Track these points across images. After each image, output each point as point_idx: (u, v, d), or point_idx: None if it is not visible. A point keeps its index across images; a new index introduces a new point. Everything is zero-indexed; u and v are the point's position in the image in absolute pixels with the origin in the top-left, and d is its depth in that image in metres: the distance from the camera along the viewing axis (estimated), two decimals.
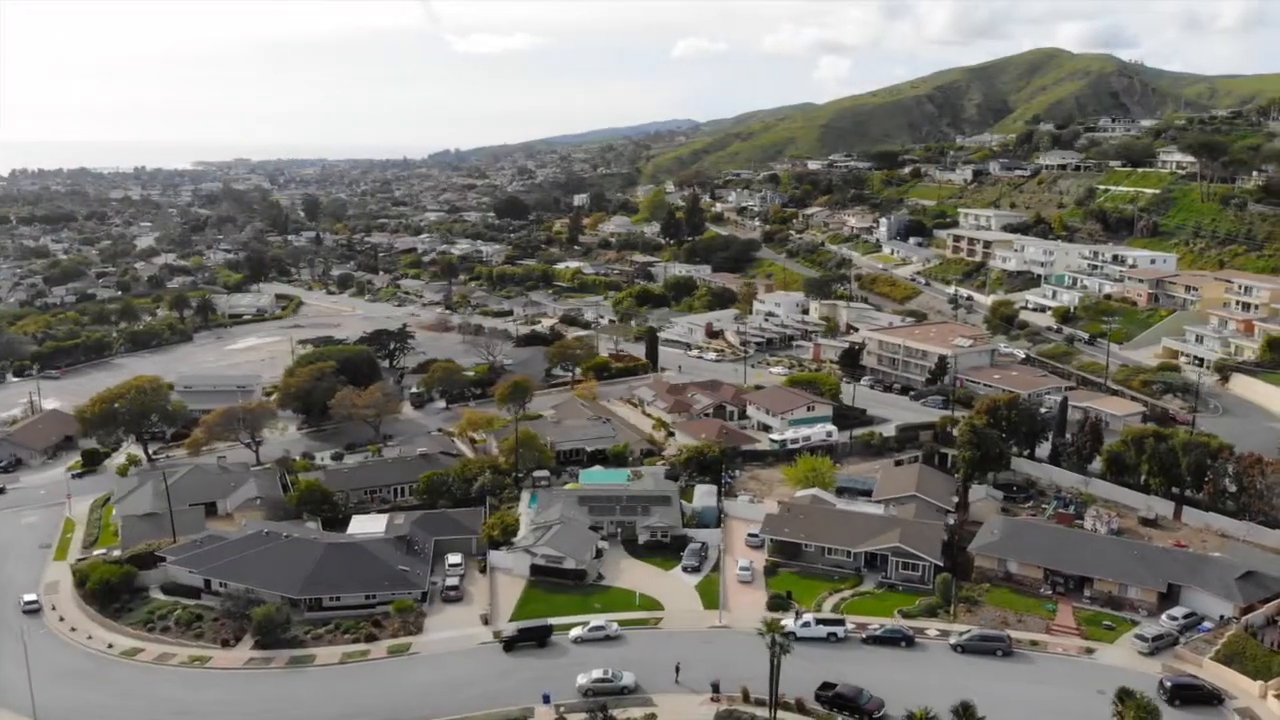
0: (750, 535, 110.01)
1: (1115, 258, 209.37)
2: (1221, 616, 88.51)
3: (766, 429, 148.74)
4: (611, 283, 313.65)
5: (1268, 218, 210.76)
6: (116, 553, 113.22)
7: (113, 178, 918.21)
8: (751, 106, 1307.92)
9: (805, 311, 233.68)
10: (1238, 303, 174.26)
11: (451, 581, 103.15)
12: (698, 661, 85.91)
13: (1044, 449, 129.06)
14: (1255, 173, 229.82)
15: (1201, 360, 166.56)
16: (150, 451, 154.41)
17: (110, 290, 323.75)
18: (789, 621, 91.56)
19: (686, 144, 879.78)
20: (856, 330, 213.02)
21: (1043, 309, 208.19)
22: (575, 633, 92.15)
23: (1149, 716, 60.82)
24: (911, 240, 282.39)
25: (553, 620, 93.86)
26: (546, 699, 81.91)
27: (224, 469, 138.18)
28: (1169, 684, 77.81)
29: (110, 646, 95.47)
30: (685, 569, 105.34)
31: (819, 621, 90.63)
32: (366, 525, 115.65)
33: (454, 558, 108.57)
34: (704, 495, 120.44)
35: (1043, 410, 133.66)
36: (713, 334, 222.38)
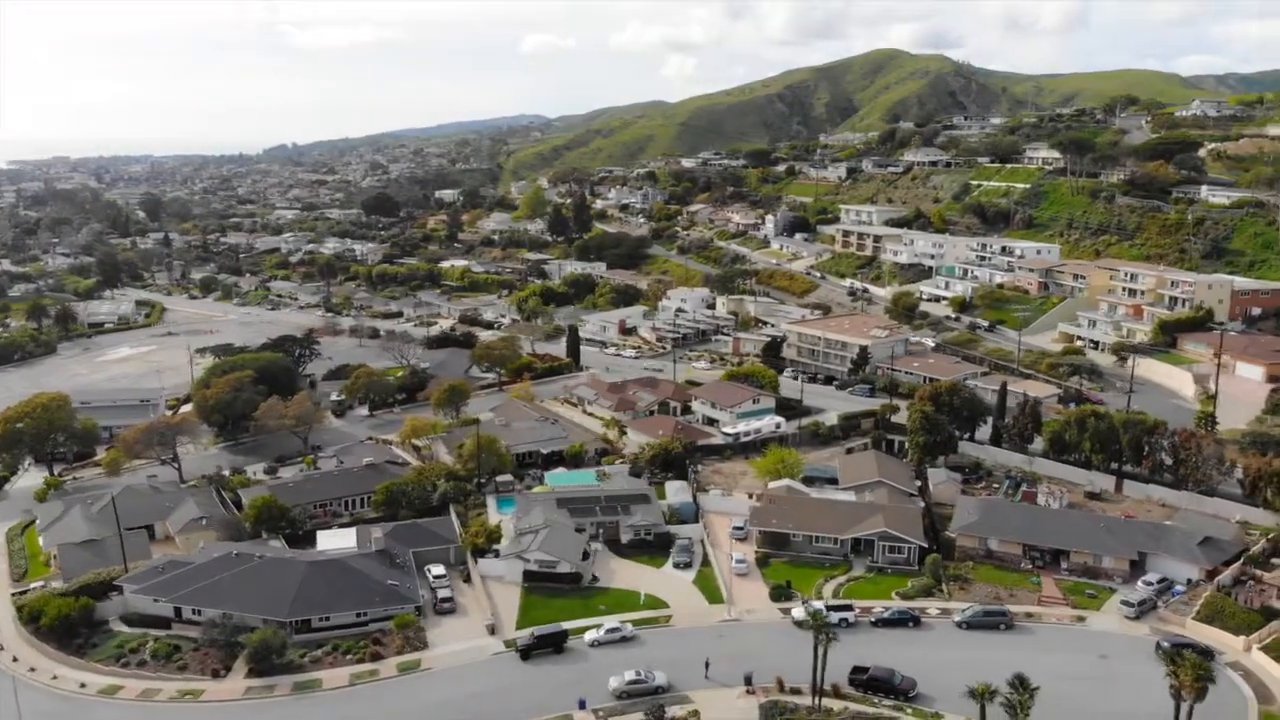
0: (735, 528, 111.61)
1: (1004, 249, 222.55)
2: (1189, 580, 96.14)
3: (711, 423, 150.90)
4: (504, 281, 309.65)
5: (1135, 209, 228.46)
6: (57, 584, 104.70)
7: None
8: (603, 103, 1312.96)
9: (710, 307, 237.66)
10: (1124, 289, 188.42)
11: (444, 593, 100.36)
12: (718, 656, 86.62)
13: (982, 432, 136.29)
14: (1118, 168, 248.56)
15: (1096, 343, 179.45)
16: (56, 473, 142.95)
17: None
18: (798, 610, 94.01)
19: (545, 140, 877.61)
20: (765, 324, 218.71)
21: (937, 299, 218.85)
22: (591, 636, 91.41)
23: (1205, 673, 65.78)
24: (798, 236, 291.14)
25: (564, 625, 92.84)
26: (582, 704, 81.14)
27: (156, 489, 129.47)
28: (1166, 644, 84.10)
29: (83, 686, 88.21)
30: (677, 565, 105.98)
31: (829, 608, 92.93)
32: (335, 540, 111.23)
33: (437, 569, 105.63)
34: (676, 491, 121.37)
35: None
36: (625, 331, 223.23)
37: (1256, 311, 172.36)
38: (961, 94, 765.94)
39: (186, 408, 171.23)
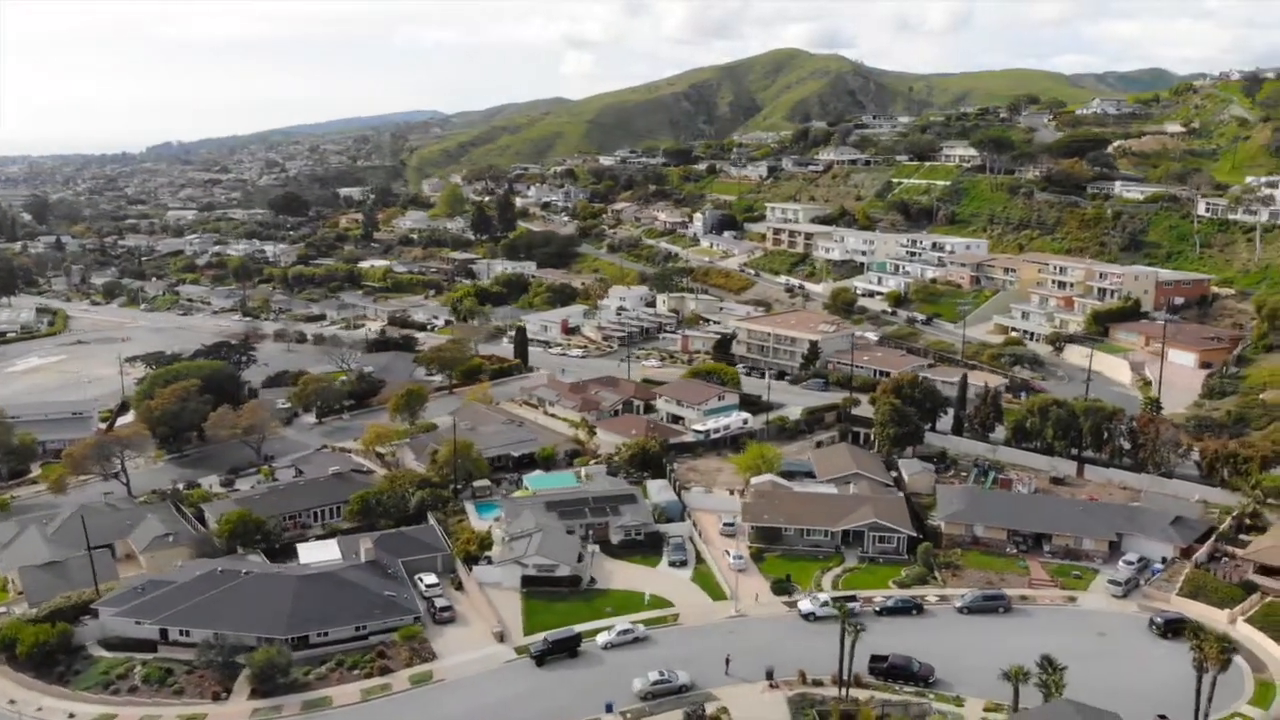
0: (726, 524, 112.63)
1: (934, 245, 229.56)
2: (1163, 559, 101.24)
3: (676, 421, 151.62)
4: (430, 281, 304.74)
5: (1053, 204, 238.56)
6: (20, 609, 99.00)
7: None
8: (502, 100, 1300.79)
9: (650, 305, 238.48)
10: (1054, 281, 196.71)
11: (443, 602, 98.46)
12: (732, 652, 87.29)
13: (942, 422, 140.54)
14: (1034, 165, 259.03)
15: (1031, 334, 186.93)
16: None
17: None
18: (805, 603, 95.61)
19: (449, 136, 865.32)
20: (708, 321, 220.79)
21: (871, 294, 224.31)
22: (603, 638, 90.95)
23: (1228, 646, 69.42)
24: (727, 234, 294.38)
25: (576, 628, 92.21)
26: (609, 707, 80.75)
27: (112, 506, 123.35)
28: (1159, 620, 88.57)
29: (72, 717, 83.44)
30: (673, 564, 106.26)
31: (834, 599, 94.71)
32: (318, 553, 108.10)
33: (429, 578, 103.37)
34: (659, 490, 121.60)
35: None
36: (568, 331, 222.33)
37: (1179, 301, 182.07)
38: (860, 93, 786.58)
39: (125, 419, 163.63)
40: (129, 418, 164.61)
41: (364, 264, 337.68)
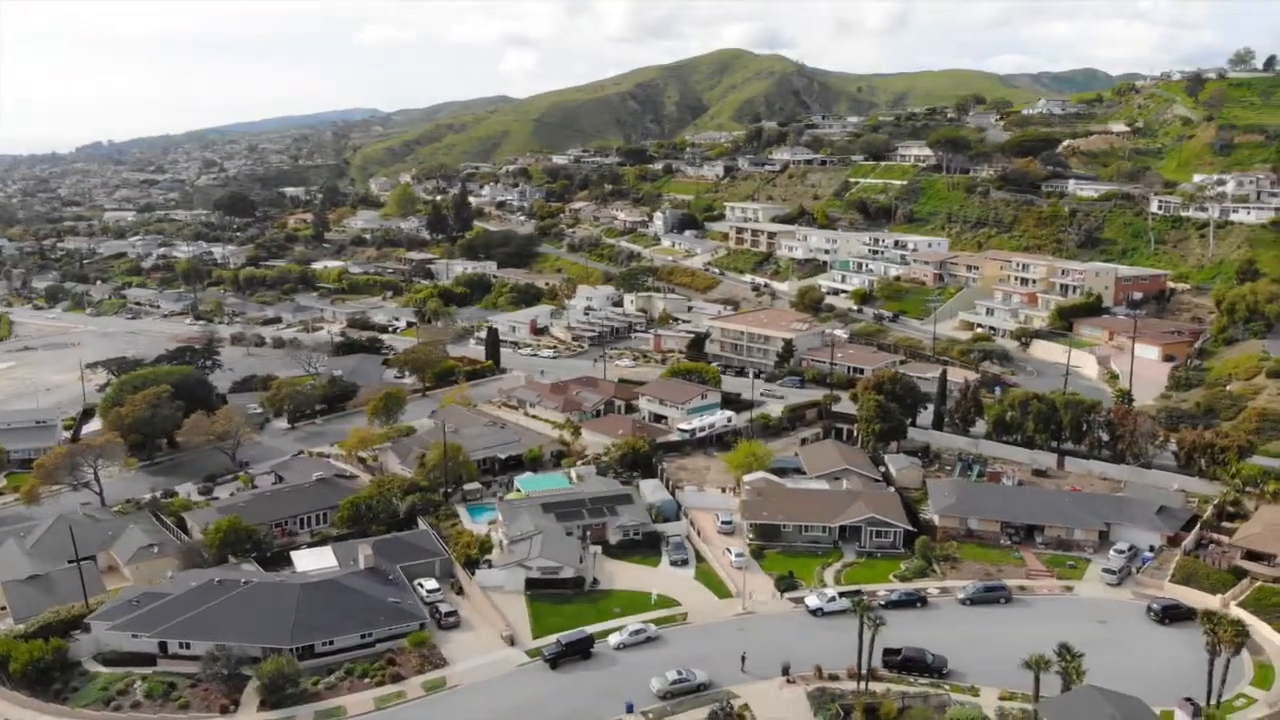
0: (724, 522, 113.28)
1: (896, 243, 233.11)
2: (1151, 547, 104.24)
3: (659, 420, 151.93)
4: (388, 282, 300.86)
5: (1010, 203, 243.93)
6: (6, 625, 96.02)
7: None
8: (442, 98, 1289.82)
9: (617, 304, 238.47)
10: (1016, 278, 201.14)
11: (447, 607, 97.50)
12: (744, 648, 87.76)
13: (922, 417, 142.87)
14: (989, 164, 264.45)
15: (996, 330, 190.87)
16: None
17: None
18: (813, 599, 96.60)
19: (393, 134, 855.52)
20: (678, 320, 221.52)
21: (836, 292, 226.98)
22: (615, 639, 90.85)
23: (1242, 630, 71.81)
24: (688, 233, 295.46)
25: (588, 630, 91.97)
26: (630, 708, 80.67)
27: (91, 517, 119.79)
28: (1158, 607, 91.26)
29: None
30: (674, 563, 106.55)
31: (841, 594, 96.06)
32: (314, 560, 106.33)
33: (430, 583, 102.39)
34: (653, 490, 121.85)
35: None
36: (537, 331, 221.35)
37: (1138, 296, 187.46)
38: (805, 93, 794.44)
39: (90, 427, 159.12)
40: (94, 425, 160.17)
41: (317, 265, 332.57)
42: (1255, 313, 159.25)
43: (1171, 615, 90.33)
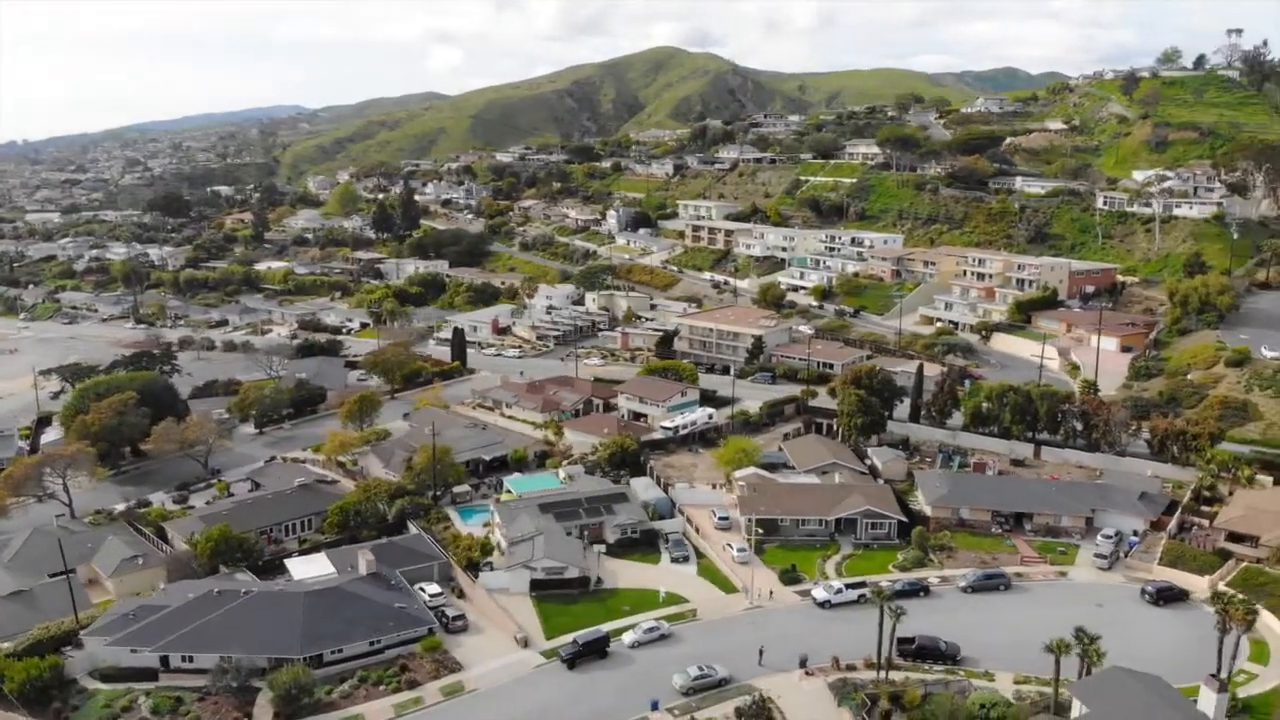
0: (721, 518, 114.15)
1: (853, 240, 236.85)
2: (1136, 532, 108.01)
3: (638, 418, 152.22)
4: (336, 283, 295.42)
5: (959, 200, 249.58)
6: None
7: None
8: (369, 94, 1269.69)
9: (577, 303, 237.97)
10: (973, 273, 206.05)
11: (454, 611, 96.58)
12: (756, 643, 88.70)
13: (898, 410, 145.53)
14: (937, 162, 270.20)
15: (956, 324, 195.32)
16: None
17: None
18: (820, 591, 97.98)
19: (324, 132, 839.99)
20: (641, 319, 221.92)
21: (795, 289, 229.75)
22: (629, 637, 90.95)
23: (1253, 609, 74.88)
24: (642, 231, 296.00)
25: (604, 629, 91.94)
26: (655, 705, 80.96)
27: (66, 529, 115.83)
28: (1151, 589, 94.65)
29: None
30: (675, 560, 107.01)
31: (847, 586, 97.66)
32: (310, 568, 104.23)
33: (432, 587, 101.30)
34: (645, 488, 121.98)
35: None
36: (500, 331, 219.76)
37: (1090, 289, 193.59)
38: (740, 92, 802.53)
39: (48, 436, 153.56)
40: (51, 434, 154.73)
41: (260, 266, 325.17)
42: (1207, 304, 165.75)
43: (1165, 597, 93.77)
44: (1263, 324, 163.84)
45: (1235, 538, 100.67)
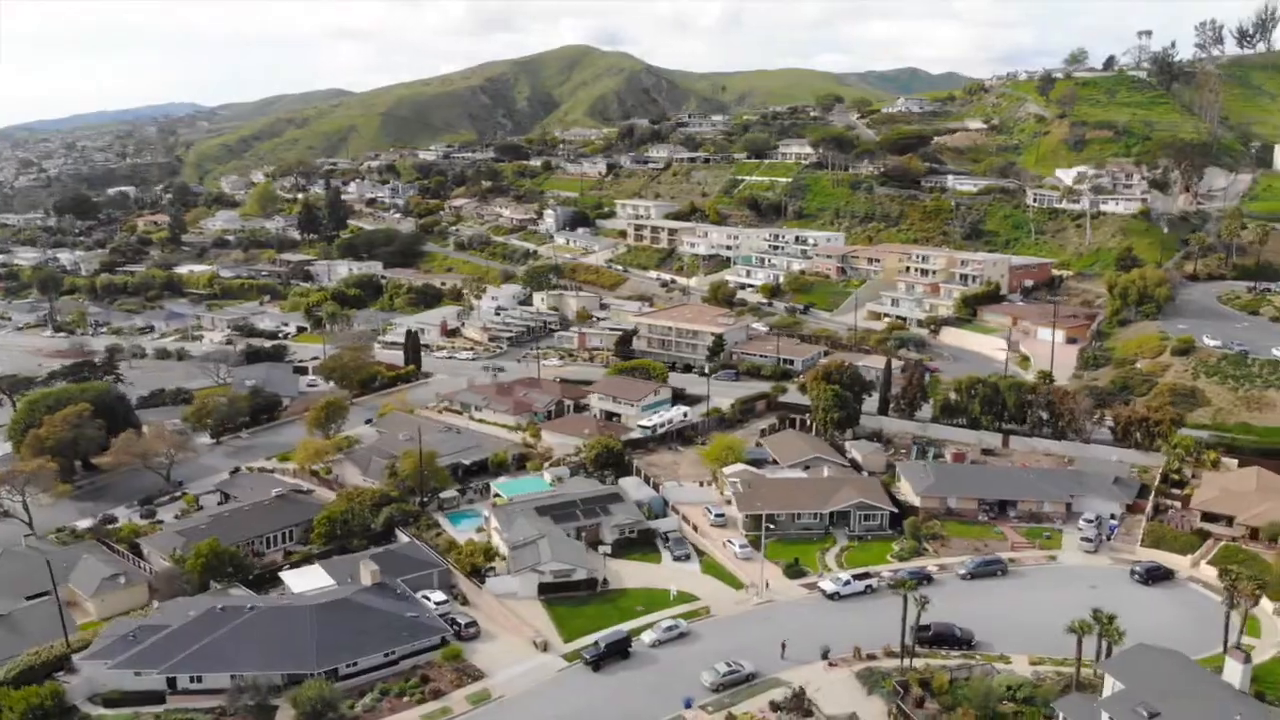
0: (716, 515, 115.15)
1: (797, 238, 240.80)
2: (1113, 515, 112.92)
3: (610, 418, 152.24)
4: (264, 286, 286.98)
5: (894, 198, 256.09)
6: None
7: None
8: (272, 91, 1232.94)
9: (524, 303, 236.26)
10: (917, 270, 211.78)
11: (466, 619, 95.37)
12: (774, 636, 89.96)
13: (868, 404, 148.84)
14: (870, 161, 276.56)
15: (905, 318, 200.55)
16: None
17: None
18: (828, 584, 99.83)
19: (227, 131, 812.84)
20: (594, 318, 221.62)
21: (743, 287, 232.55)
22: (649, 636, 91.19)
23: (1262, 587, 79.13)
24: (580, 230, 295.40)
25: (624, 629, 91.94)
26: (688, 703, 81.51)
27: (36, 549, 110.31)
28: (1140, 569, 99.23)
29: None
30: (677, 559, 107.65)
31: (855, 578, 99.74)
32: (308, 580, 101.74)
33: (437, 595, 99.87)
34: (636, 487, 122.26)
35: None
36: (449, 332, 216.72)
37: (1030, 283, 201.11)
38: (654, 91, 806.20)
39: None
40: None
41: (182, 269, 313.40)
42: (1146, 296, 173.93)
43: (1153, 576, 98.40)
44: (1197, 314, 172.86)
45: (1210, 518, 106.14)
